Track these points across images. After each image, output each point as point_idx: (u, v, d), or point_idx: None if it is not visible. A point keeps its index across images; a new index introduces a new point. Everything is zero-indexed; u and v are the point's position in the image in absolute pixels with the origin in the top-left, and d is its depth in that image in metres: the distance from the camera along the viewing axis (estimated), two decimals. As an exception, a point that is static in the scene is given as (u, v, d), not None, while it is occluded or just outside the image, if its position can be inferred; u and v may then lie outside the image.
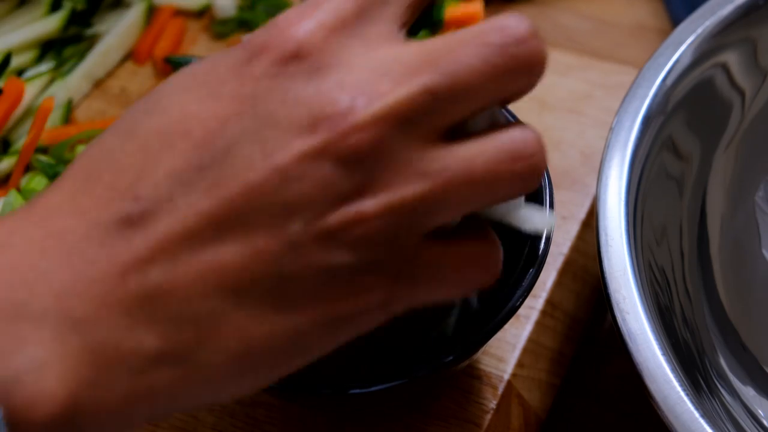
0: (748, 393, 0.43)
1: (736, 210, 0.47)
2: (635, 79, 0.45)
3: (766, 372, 0.44)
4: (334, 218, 0.26)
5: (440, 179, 0.27)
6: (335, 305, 0.27)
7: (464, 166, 0.27)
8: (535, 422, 0.45)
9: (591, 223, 0.50)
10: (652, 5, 0.66)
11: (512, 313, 0.35)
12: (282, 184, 0.26)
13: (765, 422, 0.42)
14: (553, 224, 0.34)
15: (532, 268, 0.35)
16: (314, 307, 0.27)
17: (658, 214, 0.44)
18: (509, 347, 0.44)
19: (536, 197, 0.37)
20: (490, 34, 0.27)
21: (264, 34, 0.28)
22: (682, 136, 0.46)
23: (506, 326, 0.45)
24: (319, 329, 0.28)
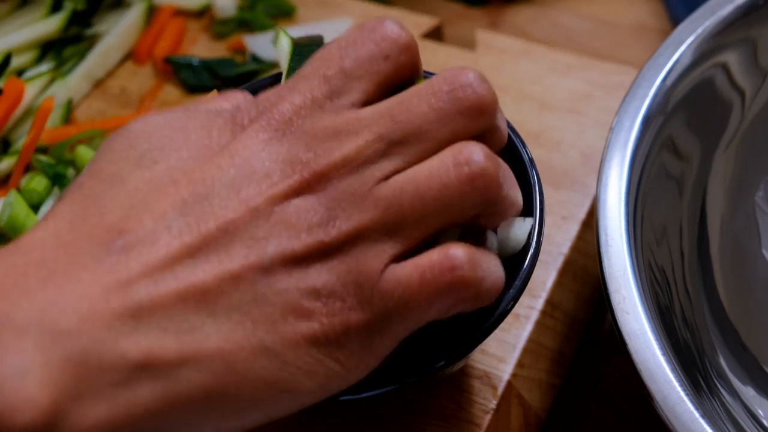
0: (748, 393, 0.43)
1: (736, 210, 0.47)
2: (635, 79, 0.45)
3: (766, 372, 0.44)
4: (297, 246, 0.30)
5: (392, 209, 0.30)
6: (315, 326, 0.30)
7: (414, 187, 0.31)
8: (535, 422, 0.45)
9: (591, 223, 0.50)
10: (652, 5, 0.66)
11: (503, 316, 0.34)
12: (254, 221, 0.30)
13: (765, 422, 0.42)
14: (522, 242, 0.35)
15: (521, 270, 0.35)
16: (294, 328, 0.29)
17: (658, 214, 0.44)
18: (509, 347, 0.44)
19: (527, 204, 0.37)
20: (440, 84, 0.32)
21: (247, 111, 0.32)
22: (682, 136, 0.46)
23: (506, 326, 0.45)
24: (303, 353, 0.30)
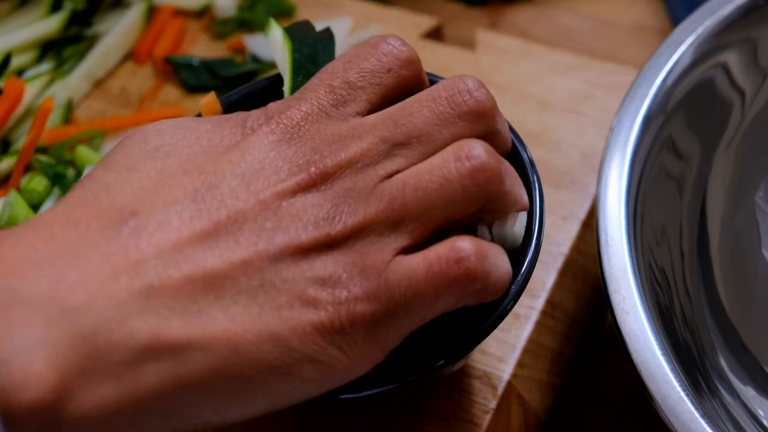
0: (748, 393, 0.43)
1: (736, 210, 0.47)
2: (635, 79, 0.45)
3: (766, 372, 0.44)
4: (305, 238, 0.31)
5: (396, 203, 0.32)
6: (321, 314, 0.30)
7: (416, 181, 0.32)
8: (535, 422, 0.45)
9: (591, 223, 0.50)
10: (652, 5, 0.66)
11: (503, 316, 0.34)
12: (262, 212, 0.31)
13: (765, 422, 0.42)
14: (519, 240, 0.35)
15: (521, 270, 0.35)
16: (300, 315, 0.30)
17: (658, 214, 0.44)
18: (509, 347, 0.44)
19: (528, 198, 0.37)
20: (439, 90, 0.33)
21: (256, 117, 0.33)
22: (682, 136, 0.46)
23: (506, 326, 0.45)
24: (308, 340, 0.30)
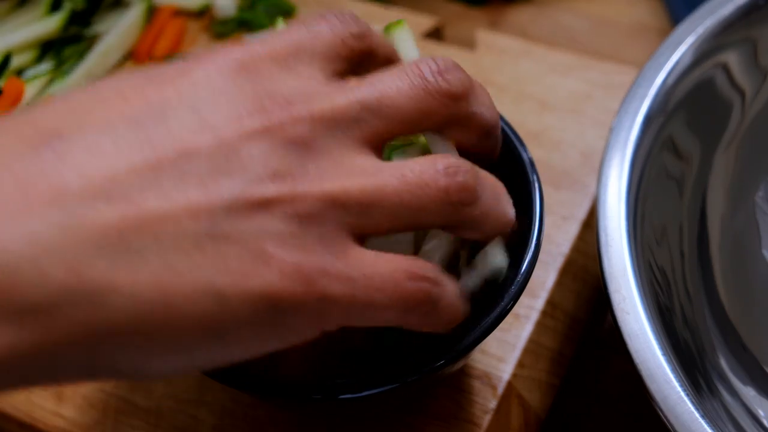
0: (749, 393, 0.43)
1: (736, 210, 0.47)
2: (635, 79, 0.45)
3: (767, 372, 0.44)
4: (270, 190, 0.27)
5: (372, 181, 0.29)
6: (270, 278, 0.27)
7: (395, 173, 0.29)
8: (535, 422, 0.45)
9: (591, 223, 0.50)
10: (652, 5, 0.66)
11: (503, 316, 0.34)
12: (219, 152, 0.27)
13: (765, 422, 0.42)
14: (504, 269, 0.35)
15: (521, 270, 0.35)
16: (248, 274, 0.27)
17: (658, 214, 0.44)
18: (509, 347, 0.44)
19: (527, 199, 0.37)
20: (411, 66, 0.31)
21: (209, 50, 0.30)
22: (682, 136, 0.46)
23: (506, 326, 0.45)
24: (252, 303, 0.27)
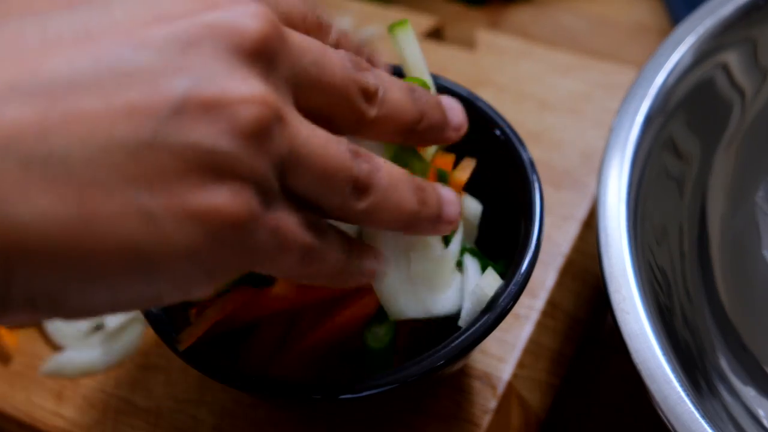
0: (749, 393, 0.43)
1: (736, 210, 0.47)
2: (635, 79, 0.45)
3: (767, 372, 0.44)
4: (212, 93, 0.25)
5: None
6: (216, 201, 0.25)
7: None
8: (535, 422, 0.45)
9: (591, 223, 0.50)
10: (652, 5, 0.67)
11: (503, 316, 0.34)
12: (163, 53, 0.25)
13: (765, 422, 0.42)
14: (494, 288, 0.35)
15: (521, 270, 0.35)
16: (178, 188, 0.25)
17: (658, 214, 0.44)
18: (509, 347, 0.44)
19: (527, 199, 0.37)
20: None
21: None
22: (682, 136, 0.46)
23: (506, 326, 0.45)
24: (175, 220, 0.25)
